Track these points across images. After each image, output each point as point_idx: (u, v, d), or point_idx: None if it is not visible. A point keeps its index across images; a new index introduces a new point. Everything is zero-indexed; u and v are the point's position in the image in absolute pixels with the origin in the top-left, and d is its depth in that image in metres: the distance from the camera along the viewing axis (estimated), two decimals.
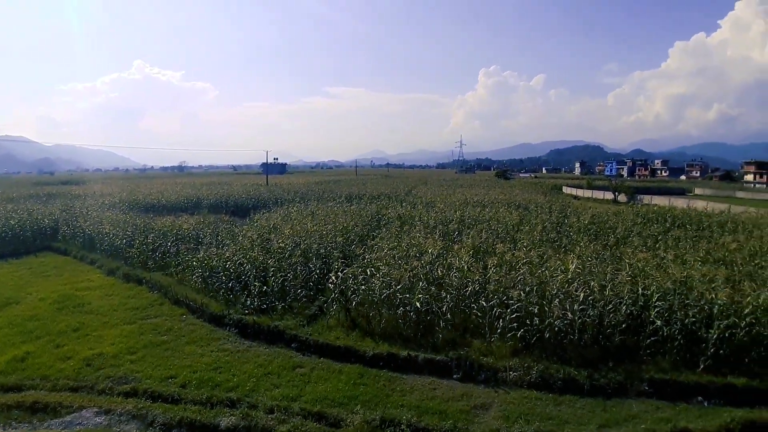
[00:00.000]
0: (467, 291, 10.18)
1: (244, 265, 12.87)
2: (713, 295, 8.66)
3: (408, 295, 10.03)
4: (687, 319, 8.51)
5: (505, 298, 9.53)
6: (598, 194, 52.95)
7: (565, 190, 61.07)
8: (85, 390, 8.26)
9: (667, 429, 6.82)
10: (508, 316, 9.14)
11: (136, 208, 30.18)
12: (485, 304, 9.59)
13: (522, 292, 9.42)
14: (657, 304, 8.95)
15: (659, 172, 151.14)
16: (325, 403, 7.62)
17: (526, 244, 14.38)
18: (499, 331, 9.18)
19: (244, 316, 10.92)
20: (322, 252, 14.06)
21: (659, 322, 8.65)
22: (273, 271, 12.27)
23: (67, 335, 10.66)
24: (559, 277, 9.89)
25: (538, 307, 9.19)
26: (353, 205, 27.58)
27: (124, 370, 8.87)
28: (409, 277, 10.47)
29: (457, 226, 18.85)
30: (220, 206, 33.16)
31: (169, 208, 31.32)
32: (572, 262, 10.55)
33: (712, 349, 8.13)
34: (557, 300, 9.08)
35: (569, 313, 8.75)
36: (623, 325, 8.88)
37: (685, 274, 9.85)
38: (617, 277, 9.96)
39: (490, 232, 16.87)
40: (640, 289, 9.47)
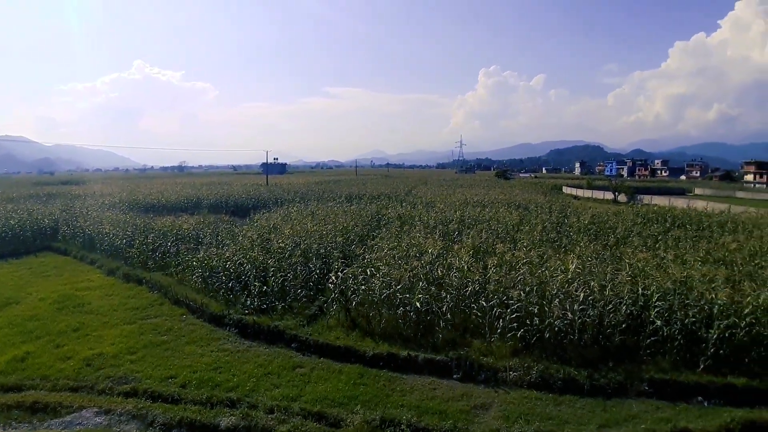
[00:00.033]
0: (467, 291, 10.18)
1: (244, 265, 12.87)
2: (713, 295, 8.66)
3: (408, 295, 10.03)
4: (687, 319, 8.51)
5: (505, 298, 9.53)
6: (598, 194, 52.98)
7: (565, 190, 61.09)
8: (85, 390, 8.26)
9: (667, 429, 6.82)
10: (508, 316, 9.14)
11: (136, 208, 30.18)
12: (485, 304, 9.59)
13: (522, 292, 9.42)
14: (657, 304, 8.95)
15: (659, 172, 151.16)
16: (325, 403, 7.63)
17: (526, 244, 14.38)
18: (499, 331, 9.18)
19: (244, 316, 10.92)
20: (322, 252, 14.06)
21: (659, 322, 8.65)
22: (273, 271, 12.27)
23: (67, 335, 10.66)
24: (559, 277, 9.89)
25: (538, 307, 9.19)
26: (353, 205, 27.57)
27: (124, 370, 8.88)
28: (409, 277, 10.47)
29: (457, 226, 18.85)
30: (220, 206, 33.16)
31: (169, 208, 31.33)
32: (572, 262, 10.55)
33: (712, 349, 8.13)
34: (557, 300, 9.08)
35: (569, 313, 8.76)
36: (623, 325, 8.88)
37: (685, 274, 9.85)
38: (617, 277, 9.96)
39: (490, 232, 16.87)
40: (640, 289, 9.47)
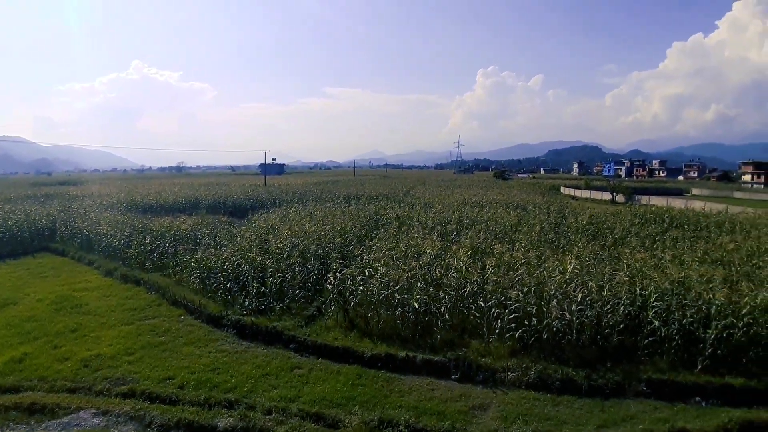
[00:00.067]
0: (465, 291, 10.18)
1: (242, 265, 12.85)
2: (711, 296, 8.68)
3: (406, 296, 10.03)
4: (685, 320, 8.53)
5: (503, 298, 9.53)
6: (596, 195, 53.11)
7: (563, 190, 61.17)
8: (83, 391, 8.24)
9: (665, 429, 6.84)
10: (506, 317, 9.14)
11: (134, 209, 30.14)
12: (483, 305, 9.59)
13: (520, 293, 9.43)
14: (655, 304, 8.96)
15: (657, 172, 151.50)
16: (323, 404, 7.62)
17: (524, 245, 14.39)
18: (498, 331, 9.18)
19: (242, 317, 10.91)
20: (321, 252, 14.05)
21: (657, 323, 8.67)
22: (271, 271, 12.24)
23: (64, 336, 10.63)
24: (557, 278, 9.90)
25: (536, 308, 9.21)
26: (351, 206, 27.54)
27: (122, 371, 8.86)
28: (407, 278, 10.47)
29: (455, 226, 18.86)
30: (218, 207, 33.14)
31: (167, 209, 31.31)
32: (570, 263, 10.57)
33: (710, 350, 8.15)
34: (555, 300, 9.09)
35: (567, 314, 8.77)
36: (621, 326, 8.89)
37: (682, 275, 9.86)
38: (615, 278, 9.98)
39: (489, 233, 16.87)
40: (638, 290, 9.47)
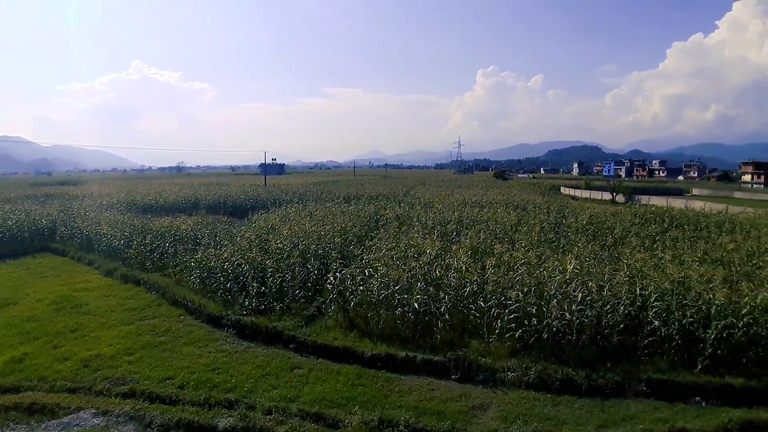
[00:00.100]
0: (465, 291, 10.18)
1: (242, 265, 12.84)
2: (711, 296, 8.68)
3: (406, 296, 10.03)
4: (685, 320, 8.53)
5: (503, 298, 9.53)
6: (596, 195, 53.10)
7: (563, 190, 61.16)
8: (83, 391, 8.24)
9: (665, 429, 6.83)
10: (506, 317, 9.14)
11: (134, 209, 30.14)
12: (483, 305, 9.59)
13: (520, 293, 9.42)
14: (655, 304, 8.96)
15: (657, 172, 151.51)
16: (323, 404, 7.62)
17: (524, 245, 14.39)
18: (497, 331, 9.18)
19: (242, 317, 10.91)
20: (321, 252, 14.04)
21: (657, 323, 8.66)
22: (271, 271, 12.24)
23: (64, 336, 10.63)
24: (557, 278, 9.90)
25: (536, 308, 9.21)
26: (351, 206, 27.54)
27: (122, 371, 8.86)
28: (407, 278, 10.47)
29: (455, 226, 18.86)
30: (218, 207, 33.14)
31: (167, 209, 31.32)
32: (570, 263, 10.57)
33: (710, 350, 8.15)
34: (555, 300, 9.09)
35: (567, 314, 8.77)
36: (621, 326, 8.89)
37: (682, 275, 9.86)
38: (615, 278, 9.97)
39: (489, 233, 16.87)
40: (638, 290, 9.47)
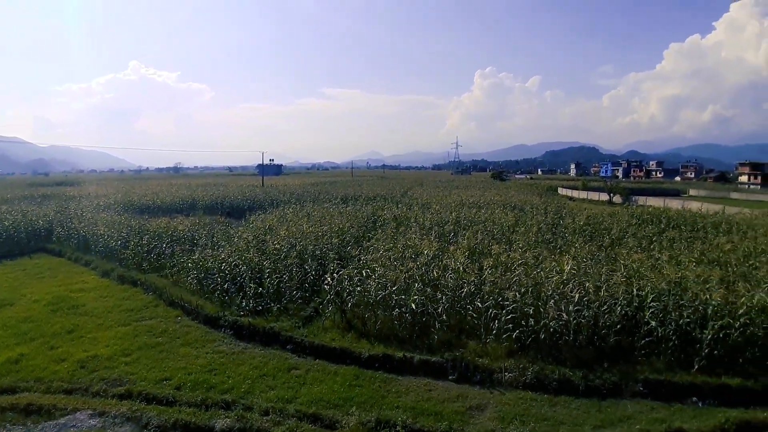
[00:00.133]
0: (463, 292, 10.18)
1: (240, 266, 12.82)
2: (708, 296, 8.71)
3: (404, 297, 10.03)
4: (681, 320, 8.55)
5: (501, 299, 9.55)
6: (594, 195, 53.18)
7: (561, 191, 61.27)
8: (80, 392, 8.20)
9: (662, 429, 6.85)
10: (503, 317, 9.15)
11: (131, 210, 30.08)
12: (481, 305, 9.60)
13: (517, 293, 9.44)
14: (652, 304, 8.98)
15: (654, 173, 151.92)
16: (320, 405, 7.61)
17: (521, 246, 14.42)
18: (495, 332, 9.18)
19: (239, 318, 10.89)
20: (318, 253, 14.04)
21: (654, 323, 8.68)
22: (268, 272, 12.22)
23: (61, 337, 10.59)
24: (555, 278, 9.92)
25: (533, 308, 9.21)
26: (349, 207, 27.57)
27: (119, 372, 8.83)
28: (404, 279, 10.47)
29: (452, 227, 18.87)
30: (216, 207, 33.10)
31: (165, 210, 31.28)
32: (567, 263, 10.59)
33: (707, 350, 8.17)
34: (552, 301, 9.11)
35: (564, 314, 8.78)
36: (618, 326, 8.89)
37: (679, 275, 9.91)
38: (612, 278, 10.00)
39: (486, 234, 16.89)
40: (635, 290, 9.50)
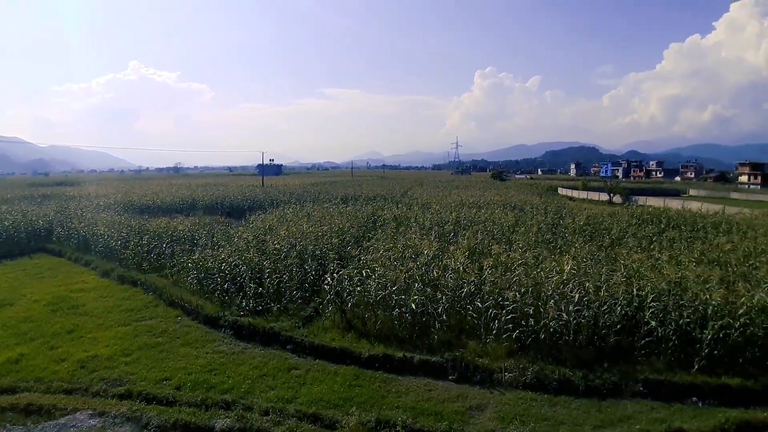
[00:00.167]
0: (463, 292, 10.18)
1: (240, 266, 12.82)
2: (708, 296, 8.71)
3: (403, 297, 10.03)
4: (681, 320, 8.55)
5: (501, 299, 9.55)
6: (594, 195, 53.19)
7: (561, 191, 61.28)
8: (80, 392, 8.20)
9: (662, 429, 6.85)
10: (503, 317, 9.15)
11: (131, 210, 30.08)
12: (481, 305, 9.60)
13: (517, 293, 9.44)
14: (652, 304, 8.98)
15: (654, 173, 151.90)
16: (320, 405, 7.61)
17: (521, 246, 14.42)
18: (495, 332, 9.18)
19: (239, 318, 10.89)
20: (318, 253, 14.04)
21: (654, 323, 8.68)
22: (268, 272, 12.22)
23: (61, 337, 10.59)
24: (555, 278, 9.92)
25: (533, 308, 9.21)
26: (349, 207, 27.57)
27: (119, 372, 8.83)
28: (404, 279, 10.48)
29: (452, 227, 18.88)
30: (216, 207, 33.11)
31: (165, 210, 31.29)
32: (567, 263, 10.59)
33: (707, 350, 8.17)
34: (552, 301, 9.11)
35: (564, 314, 8.78)
36: (618, 326, 8.89)
37: (679, 275, 9.91)
38: (612, 278, 10.00)
39: (486, 234, 16.89)
40: (635, 290, 9.50)
